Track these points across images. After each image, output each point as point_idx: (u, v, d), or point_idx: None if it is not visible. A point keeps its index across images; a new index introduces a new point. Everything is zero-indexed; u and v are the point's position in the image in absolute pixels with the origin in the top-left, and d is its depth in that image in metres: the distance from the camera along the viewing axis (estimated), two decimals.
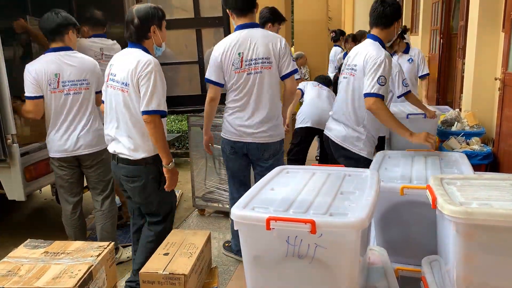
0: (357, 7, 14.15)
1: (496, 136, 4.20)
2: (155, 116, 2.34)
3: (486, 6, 4.47)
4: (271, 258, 1.57)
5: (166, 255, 2.15)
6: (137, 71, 2.33)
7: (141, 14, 2.39)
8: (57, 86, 2.81)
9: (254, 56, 2.75)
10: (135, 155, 2.43)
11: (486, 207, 1.46)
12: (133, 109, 2.40)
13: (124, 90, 2.38)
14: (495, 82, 4.33)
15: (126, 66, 2.37)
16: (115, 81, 2.42)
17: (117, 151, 2.49)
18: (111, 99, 2.47)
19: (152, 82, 2.32)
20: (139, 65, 2.33)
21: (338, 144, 2.90)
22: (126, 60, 2.40)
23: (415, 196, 1.95)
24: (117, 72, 2.42)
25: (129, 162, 2.45)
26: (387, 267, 1.89)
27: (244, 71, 2.77)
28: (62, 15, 2.88)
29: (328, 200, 1.64)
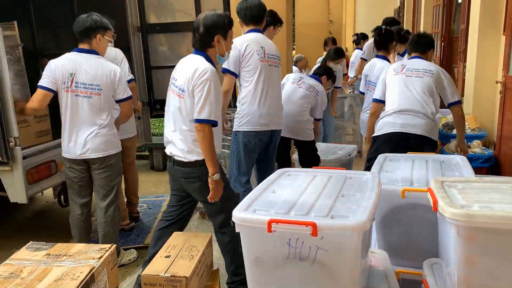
0: (358, 10, 14.19)
1: (497, 139, 4.20)
2: (205, 125, 2.36)
3: (487, 10, 4.48)
4: (272, 260, 1.57)
5: (167, 257, 2.16)
6: (193, 79, 2.36)
7: (207, 22, 2.41)
8: (70, 85, 2.82)
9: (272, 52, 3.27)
10: (188, 157, 2.46)
11: (487, 210, 1.46)
12: (186, 115, 2.43)
13: (181, 96, 2.43)
14: (496, 85, 4.34)
15: (185, 72, 2.41)
16: (175, 85, 2.48)
17: (173, 153, 2.53)
18: (170, 103, 2.54)
19: (206, 91, 2.34)
20: (196, 73, 2.36)
21: (423, 136, 3.04)
22: (186, 66, 2.44)
23: (416, 198, 1.95)
24: (178, 77, 2.47)
25: (183, 164, 2.49)
26: (388, 269, 1.89)
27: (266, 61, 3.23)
28: (92, 19, 2.87)
29: (329, 203, 1.64)
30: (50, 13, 4.45)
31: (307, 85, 4.03)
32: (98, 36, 2.88)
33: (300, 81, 4.08)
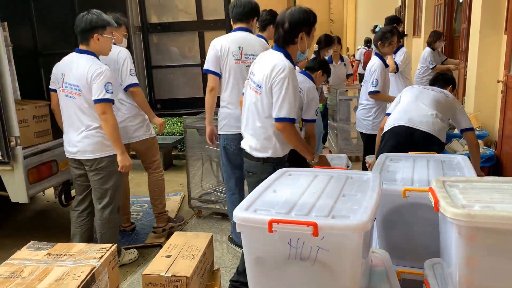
0: (359, 9, 14.17)
1: (498, 138, 4.19)
2: (285, 123, 2.35)
3: (488, 9, 4.47)
4: (273, 260, 1.57)
5: (168, 257, 2.15)
6: (272, 76, 2.34)
7: (293, 19, 2.36)
8: (62, 85, 2.86)
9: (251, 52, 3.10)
10: (255, 153, 2.50)
11: (489, 210, 1.46)
12: (261, 111, 2.43)
13: (258, 92, 2.43)
14: (498, 84, 4.33)
15: (263, 68, 2.40)
16: (252, 80, 2.49)
17: (243, 146, 2.61)
18: (246, 97, 2.56)
19: (284, 89, 2.32)
20: (274, 70, 2.34)
21: (430, 134, 2.97)
22: (265, 62, 2.43)
23: (417, 198, 1.95)
24: (256, 72, 2.47)
25: (250, 157, 2.55)
26: (390, 269, 1.89)
27: (244, 62, 3.12)
28: (87, 18, 2.82)
29: (330, 203, 1.64)
30: (51, 13, 4.45)
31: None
32: (96, 36, 2.83)
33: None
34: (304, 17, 2.38)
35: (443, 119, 3.07)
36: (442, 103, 3.13)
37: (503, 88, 4.12)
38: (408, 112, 3.08)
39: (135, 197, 4.75)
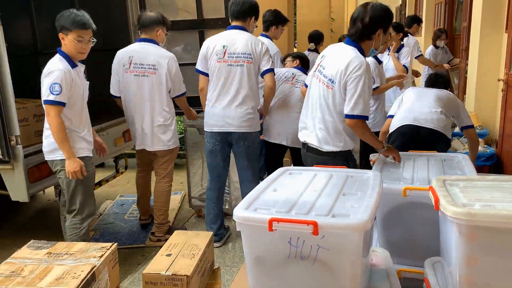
0: None
1: (499, 137, 4.19)
2: (357, 120, 2.34)
3: (489, 7, 4.46)
4: (273, 259, 1.57)
5: (168, 256, 2.15)
6: (347, 73, 2.31)
7: (374, 14, 2.34)
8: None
9: (237, 50, 3.09)
10: (325, 147, 2.47)
11: (489, 209, 1.46)
12: (332, 106, 2.41)
13: (329, 87, 2.40)
14: (498, 83, 4.32)
15: (337, 64, 2.36)
16: (322, 73, 2.45)
17: (307, 141, 2.55)
18: (312, 89, 2.54)
19: (360, 86, 2.29)
20: (350, 66, 2.31)
21: (436, 130, 2.98)
22: (338, 57, 2.40)
23: (417, 197, 1.95)
24: (327, 66, 2.43)
25: (317, 152, 2.51)
26: (390, 268, 1.89)
27: (226, 61, 3.11)
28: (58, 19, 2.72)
29: (330, 202, 1.64)
30: (51, 13, 4.44)
31: (303, 84, 3.47)
32: (63, 40, 2.71)
33: (293, 79, 3.69)
34: (385, 14, 2.38)
35: (447, 115, 3.07)
36: (445, 101, 3.13)
37: (503, 86, 4.12)
38: (413, 111, 3.08)
39: (135, 196, 4.74)
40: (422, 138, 2.94)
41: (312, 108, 2.52)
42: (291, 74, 3.73)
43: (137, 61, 3.30)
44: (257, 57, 3.12)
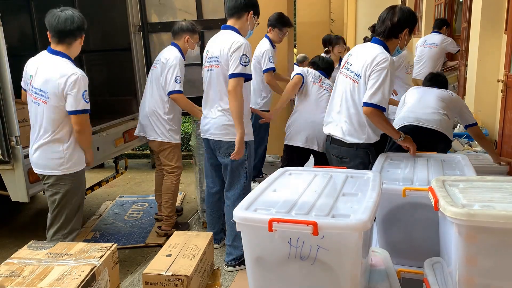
0: (360, 9, 14.15)
1: (498, 138, 4.19)
2: (373, 109, 2.45)
3: (488, 8, 4.47)
4: (273, 259, 1.57)
5: (168, 256, 2.15)
6: (372, 66, 2.46)
7: (403, 15, 2.52)
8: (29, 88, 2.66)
9: (212, 54, 2.93)
10: (348, 139, 2.60)
11: (488, 209, 1.46)
12: (357, 99, 2.55)
13: (355, 81, 2.54)
14: (498, 84, 4.33)
15: (363, 59, 2.53)
16: (349, 70, 2.60)
17: (332, 133, 2.68)
18: (339, 85, 2.67)
19: (382, 78, 2.42)
20: (376, 60, 2.46)
21: (437, 131, 2.99)
22: (364, 53, 2.56)
23: (417, 198, 1.95)
24: (354, 62, 2.59)
25: (341, 143, 2.64)
26: (389, 269, 1.89)
27: (206, 67, 3.00)
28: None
29: (330, 202, 1.64)
30: None
31: (328, 86, 3.53)
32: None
33: (320, 81, 3.57)
34: (412, 16, 2.56)
35: (449, 116, 3.08)
36: (448, 101, 3.14)
37: (503, 87, 4.12)
38: (415, 112, 3.09)
39: (135, 196, 4.76)
40: (423, 138, 2.94)
41: (338, 103, 2.65)
42: (318, 76, 3.58)
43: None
44: (224, 59, 2.82)
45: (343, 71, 2.65)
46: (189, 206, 4.48)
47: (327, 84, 3.56)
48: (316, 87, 3.54)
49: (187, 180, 5.20)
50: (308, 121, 3.50)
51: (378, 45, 2.53)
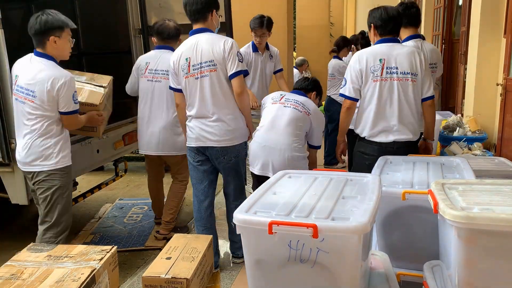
0: (359, 13, 14.20)
1: (498, 141, 4.20)
2: (432, 100, 2.77)
3: (487, 12, 4.48)
4: (273, 262, 1.57)
5: (168, 259, 2.15)
6: (423, 63, 2.73)
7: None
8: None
9: (199, 60, 2.77)
10: (413, 137, 2.79)
11: (488, 212, 1.46)
12: (417, 97, 2.76)
13: (414, 80, 2.72)
14: (497, 87, 4.34)
15: (406, 59, 2.71)
16: (397, 73, 2.71)
17: (398, 139, 2.76)
18: (388, 91, 2.73)
19: (431, 71, 2.79)
20: (420, 56, 2.73)
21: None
22: (404, 53, 2.72)
23: (416, 201, 1.96)
24: (400, 65, 2.71)
25: (409, 144, 2.79)
26: (389, 272, 1.89)
27: (192, 75, 2.80)
28: (41, 19, 2.60)
29: (330, 205, 1.64)
30: None
31: (294, 102, 3.05)
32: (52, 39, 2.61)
33: (282, 98, 3.10)
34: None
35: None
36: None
37: (502, 91, 4.13)
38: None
39: (135, 199, 4.76)
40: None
41: (395, 108, 2.72)
42: (279, 95, 3.18)
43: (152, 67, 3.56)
44: (221, 61, 2.75)
45: (386, 76, 2.69)
46: (188, 209, 4.47)
47: (292, 101, 3.08)
48: (276, 106, 3.09)
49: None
50: (261, 145, 3.06)
51: (409, 41, 2.92)
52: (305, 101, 3.08)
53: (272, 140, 2.99)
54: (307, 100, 3.10)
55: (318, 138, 3.14)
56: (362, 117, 2.83)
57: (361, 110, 2.83)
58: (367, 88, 2.76)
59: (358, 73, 2.75)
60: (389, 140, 2.75)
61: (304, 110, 3.01)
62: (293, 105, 3.03)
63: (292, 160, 2.94)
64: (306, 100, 3.10)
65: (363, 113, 2.82)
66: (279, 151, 2.96)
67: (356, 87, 2.77)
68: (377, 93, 2.72)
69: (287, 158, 2.94)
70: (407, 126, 2.75)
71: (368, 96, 2.76)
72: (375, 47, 2.80)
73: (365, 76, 2.75)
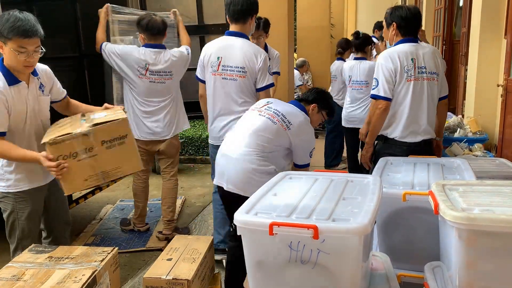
0: (360, 14, 14.21)
1: (498, 142, 4.20)
2: (447, 99, 2.98)
3: (488, 13, 4.49)
4: (274, 263, 1.57)
5: (169, 260, 2.16)
6: (441, 59, 2.86)
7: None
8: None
9: (230, 63, 2.86)
10: (434, 136, 2.89)
11: (488, 213, 1.46)
12: (437, 96, 2.86)
13: (436, 79, 2.80)
14: (498, 88, 4.35)
15: (431, 58, 2.78)
16: (426, 72, 2.77)
17: (425, 137, 2.82)
18: (420, 91, 2.77)
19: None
20: (439, 55, 2.89)
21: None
22: (428, 52, 2.79)
23: (417, 202, 1.96)
24: (427, 64, 2.76)
25: (431, 142, 2.87)
26: (390, 273, 1.89)
27: (220, 74, 2.90)
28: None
29: (330, 206, 1.64)
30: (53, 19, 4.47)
31: (273, 111, 2.47)
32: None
33: (264, 106, 2.55)
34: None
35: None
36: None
37: (502, 92, 4.14)
38: None
39: None
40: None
41: (424, 108, 2.76)
42: (266, 101, 2.62)
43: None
44: (251, 71, 2.86)
45: (418, 76, 2.72)
46: (189, 210, 4.48)
47: (272, 111, 2.49)
48: (251, 114, 2.56)
49: (187, 185, 5.21)
50: (220, 153, 2.57)
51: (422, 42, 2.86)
52: (290, 114, 2.47)
53: (231, 149, 2.46)
54: (295, 113, 2.50)
55: (302, 157, 2.52)
56: (394, 118, 2.77)
57: (393, 110, 2.75)
58: (400, 88, 2.71)
59: (392, 72, 2.68)
60: (417, 140, 2.76)
61: (281, 123, 2.41)
62: (269, 115, 2.46)
63: (247, 173, 2.36)
64: (293, 112, 2.49)
65: (395, 114, 2.76)
66: (235, 160, 2.40)
67: (391, 87, 2.70)
68: (411, 93, 2.70)
69: (240, 170, 2.37)
70: (431, 125, 2.81)
71: (401, 96, 2.72)
72: (403, 46, 2.73)
73: (399, 75, 2.68)
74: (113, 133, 2.23)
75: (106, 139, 2.20)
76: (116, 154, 2.24)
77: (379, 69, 2.72)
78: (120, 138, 2.24)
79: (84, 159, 2.18)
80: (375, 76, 2.75)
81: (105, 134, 2.20)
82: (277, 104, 2.54)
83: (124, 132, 2.25)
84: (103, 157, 2.22)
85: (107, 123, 2.20)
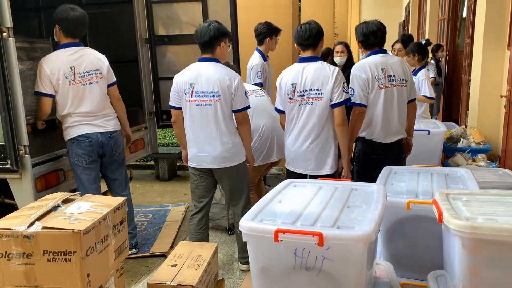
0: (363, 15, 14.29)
1: (502, 153, 4.21)
2: (415, 101, 3.26)
3: (491, 24, 4.52)
4: (278, 269, 1.59)
5: (174, 266, 2.17)
6: (408, 67, 3.16)
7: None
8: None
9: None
10: (406, 135, 3.18)
11: (492, 222, 1.48)
12: (407, 100, 3.13)
13: (405, 85, 3.06)
14: (501, 99, 4.36)
15: (399, 66, 3.04)
16: (395, 80, 3.02)
17: (396, 139, 3.08)
18: (390, 97, 3.01)
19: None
20: (406, 62, 3.26)
21: None
22: (399, 63, 3.08)
23: (421, 211, 1.97)
24: (395, 72, 3.01)
25: (402, 141, 3.14)
26: (393, 281, 1.90)
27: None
28: (214, 26, 2.81)
29: (335, 213, 1.66)
30: None
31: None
32: (222, 44, 2.88)
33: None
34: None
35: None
36: None
37: (506, 102, 4.15)
38: None
39: (140, 207, 4.77)
40: None
41: (395, 112, 3.01)
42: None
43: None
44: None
45: (388, 84, 2.97)
46: None
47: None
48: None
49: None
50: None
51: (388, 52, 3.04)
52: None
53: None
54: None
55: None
56: (370, 122, 3.06)
57: (368, 115, 3.04)
58: (373, 95, 2.99)
59: (365, 81, 2.97)
60: (392, 140, 3.06)
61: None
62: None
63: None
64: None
65: (371, 118, 3.05)
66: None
67: (365, 94, 2.98)
68: (382, 99, 2.98)
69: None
70: (402, 126, 3.11)
71: (374, 102, 3.00)
72: (373, 57, 3.03)
73: (371, 84, 2.97)
74: (58, 245, 1.70)
75: (49, 249, 1.70)
76: (58, 272, 1.71)
77: (353, 79, 3.02)
78: (66, 253, 1.70)
79: (18, 265, 1.71)
80: (351, 86, 3.03)
81: (47, 244, 1.70)
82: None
83: (72, 248, 1.68)
84: (42, 270, 1.71)
85: (53, 230, 1.70)
